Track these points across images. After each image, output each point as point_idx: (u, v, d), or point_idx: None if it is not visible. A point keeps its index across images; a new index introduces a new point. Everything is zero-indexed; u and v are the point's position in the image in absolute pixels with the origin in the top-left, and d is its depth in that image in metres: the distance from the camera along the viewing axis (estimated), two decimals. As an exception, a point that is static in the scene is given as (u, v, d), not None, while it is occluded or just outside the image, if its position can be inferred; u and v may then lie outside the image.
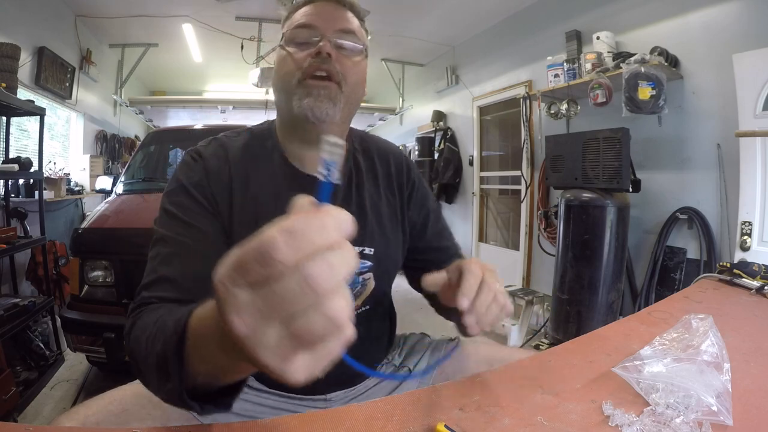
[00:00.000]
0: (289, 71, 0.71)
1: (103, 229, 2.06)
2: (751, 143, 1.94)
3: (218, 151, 0.74)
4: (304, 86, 0.69)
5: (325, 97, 0.69)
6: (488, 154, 4.36)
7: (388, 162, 0.86)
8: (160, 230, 0.65)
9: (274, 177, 0.74)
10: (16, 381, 1.86)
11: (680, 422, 0.48)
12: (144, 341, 0.48)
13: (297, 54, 0.71)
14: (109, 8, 3.78)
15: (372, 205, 0.80)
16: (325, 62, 0.69)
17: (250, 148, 0.76)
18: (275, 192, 0.73)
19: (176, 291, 0.59)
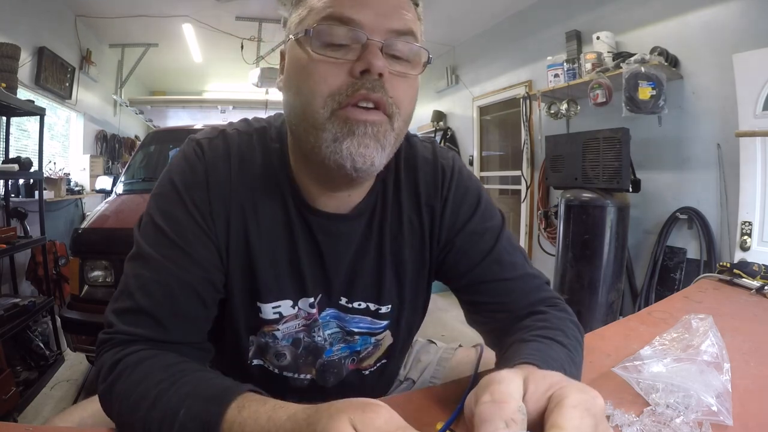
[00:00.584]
0: (317, 92, 0.49)
1: (103, 229, 2.06)
2: (751, 143, 1.94)
3: (224, 153, 0.56)
4: (342, 120, 0.48)
5: (373, 137, 0.49)
6: (488, 154, 4.36)
7: (415, 177, 0.62)
8: (144, 245, 0.53)
9: (282, 204, 0.58)
10: (16, 381, 1.86)
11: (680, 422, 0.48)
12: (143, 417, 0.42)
13: (329, 67, 0.48)
14: (109, 8, 3.78)
15: (393, 248, 0.62)
16: (376, 88, 0.48)
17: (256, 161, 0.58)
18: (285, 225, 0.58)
19: (153, 329, 0.50)
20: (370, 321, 0.63)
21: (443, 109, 4.86)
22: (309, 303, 0.60)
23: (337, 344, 0.64)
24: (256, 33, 4.21)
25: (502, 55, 3.91)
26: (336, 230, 0.59)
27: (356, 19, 0.48)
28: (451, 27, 4.20)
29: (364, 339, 0.64)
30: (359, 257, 0.60)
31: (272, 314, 0.59)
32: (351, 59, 0.48)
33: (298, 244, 0.58)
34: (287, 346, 0.62)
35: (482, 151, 4.37)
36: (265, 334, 0.60)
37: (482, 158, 4.37)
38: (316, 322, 0.61)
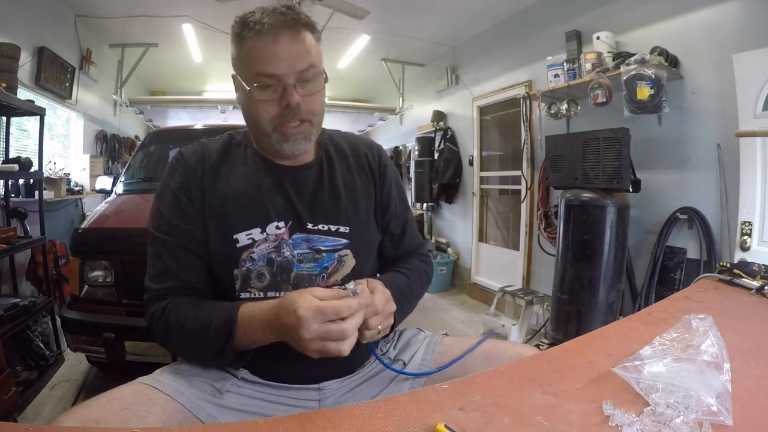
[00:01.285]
0: (261, 119, 0.77)
1: (103, 229, 2.06)
2: (751, 143, 1.94)
3: (198, 150, 0.85)
4: (281, 133, 0.77)
5: (302, 139, 0.78)
6: (488, 154, 4.36)
7: (358, 148, 0.94)
8: (154, 232, 0.80)
9: (249, 169, 0.84)
10: (16, 381, 1.86)
11: (680, 422, 0.48)
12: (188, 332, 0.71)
13: (265, 104, 0.75)
14: (109, 8, 3.78)
15: (345, 185, 0.87)
16: (296, 113, 0.75)
17: (226, 147, 0.86)
18: (249, 180, 0.82)
19: (173, 281, 0.77)
20: (332, 239, 0.83)
21: (443, 109, 4.86)
22: (276, 226, 0.81)
23: (306, 263, 0.82)
24: (256, 33, 4.20)
25: (502, 55, 3.91)
26: (294, 176, 0.85)
27: (275, 73, 0.74)
28: (451, 27, 4.20)
29: (330, 255, 0.83)
30: (316, 192, 0.85)
31: (246, 240, 0.79)
32: (278, 96, 0.75)
33: (262, 186, 0.82)
34: (264, 266, 0.80)
35: (482, 151, 4.37)
36: (245, 261, 0.79)
37: (482, 158, 4.37)
38: (285, 241, 0.81)
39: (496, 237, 4.26)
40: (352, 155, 0.92)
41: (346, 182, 0.88)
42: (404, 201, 0.97)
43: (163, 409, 0.66)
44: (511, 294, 3.19)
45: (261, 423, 0.52)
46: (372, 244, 0.90)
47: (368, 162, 0.92)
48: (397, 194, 0.95)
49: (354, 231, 0.84)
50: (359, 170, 0.91)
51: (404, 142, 5.94)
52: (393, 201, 0.94)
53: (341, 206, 0.85)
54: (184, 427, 0.61)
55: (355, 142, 0.95)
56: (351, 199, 0.87)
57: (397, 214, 0.94)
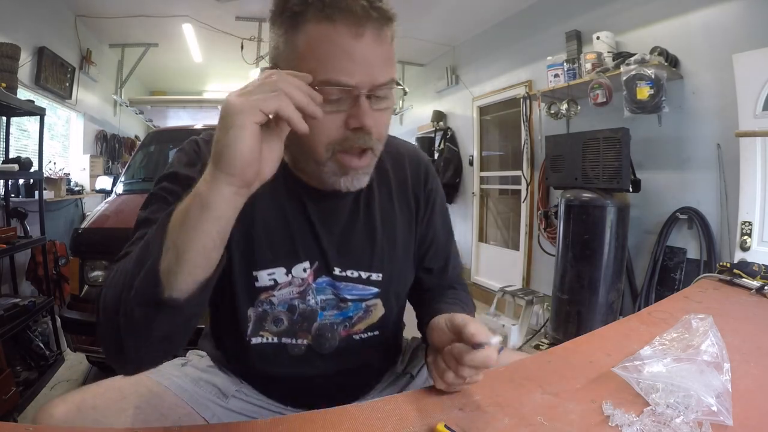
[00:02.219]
0: (317, 142, 0.58)
1: (103, 229, 2.07)
2: (751, 143, 1.94)
3: None
4: (339, 164, 0.59)
5: (363, 173, 0.62)
6: (488, 154, 4.36)
7: (403, 168, 0.76)
8: (143, 213, 0.61)
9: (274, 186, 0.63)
10: (16, 381, 1.86)
11: (680, 422, 0.48)
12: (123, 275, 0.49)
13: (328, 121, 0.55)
14: (109, 8, 3.77)
15: (384, 223, 0.72)
16: (366, 140, 0.58)
17: None
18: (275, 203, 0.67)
19: None
20: (361, 288, 0.71)
21: (443, 109, 4.85)
22: (302, 268, 0.67)
23: (329, 310, 0.70)
24: (256, 33, 4.20)
25: (502, 55, 3.91)
26: (325, 204, 0.68)
27: (350, 83, 0.54)
28: (451, 27, 4.20)
29: (356, 305, 0.72)
30: (348, 230, 0.70)
31: (268, 281, 0.66)
32: (344, 110, 0.56)
33: (290, 216, 0.67)
34: (283, 312, 0.69)
35: (482, 151, 4.36)
36: (263, 302, 0.67)
37: (482, 158, 4.37)
38: (310, 287, 0.69)
39: (496, 237, 4.26)
40: (395, 176, 0.75)
41: (385, 214, 0.73)
42: (448, 231, 0.84)
43: (162, 402, 0.64)
44: (511, 294, 3.19)
45: (261, 423, 0.52)
46: (405, 287, 0.78)
47: (413, 187, 0.76)
48: (442, 224, 0.81)
49: (387, 278, 0.72)
50: (400, 197, 0.75)
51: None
52: (437, 233, 0.80)
53: (376, 248, 0.71)
54: (184, 427, 0.61)
55: (400, 158, 0.77)
56: (389, 237, 0.72)
57: (440, 247, 0.81)
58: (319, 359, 0.71)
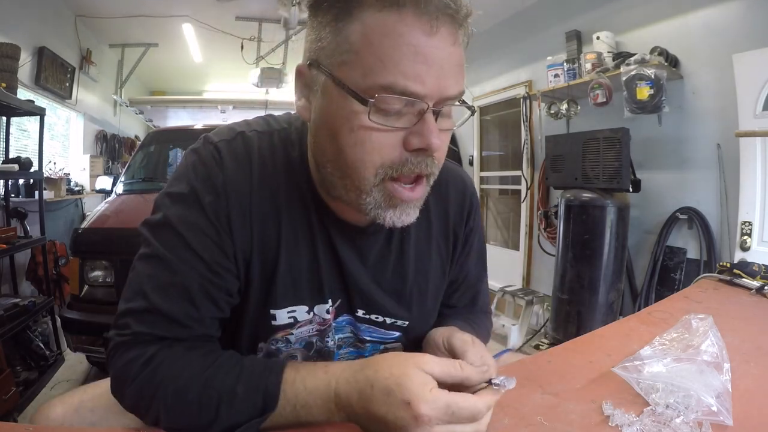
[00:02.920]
0: (367, 161, 0.47)
1: (103, 229, 2.07)
2: (751, 143, 1.94)
3: (243, 158, 0.55)
4: (387, 195, 0.49)
5: (413, 208, 0.52)
6: (488, 154, 4.36)
7: (446, 200, 0.67)
8: (158, 246, 0.52)
9: (303, 215, 0.57)
10: (16, 381, 1.86)
11: (680, 422, 0.48)
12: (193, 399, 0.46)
13: (384, 137, 0.46)
14: (109, 8, 3.78)
15: (417, 266, 0.64)
16: (429, 165, 0.49)
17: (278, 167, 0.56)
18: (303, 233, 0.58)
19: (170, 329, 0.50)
20: (383, 332, 0.65)
21: (443, 109, 4.85)
22: (326, 309, 0.61)
23: (345, 348, 0.66)
24: (256, 33, 4.21)
25: (502, 55, 3.91)
26: (354, 239, 0.60)
27: (419, 92, 0.44)
28: (451, 27, 4.19)
29: (374, 347, 0.67)
30: (379, 270, 0.62)
31: (287, 319, 0.59)
32: (405, 126, 0.47)
33: (318, 252, 0.58)
34: (299, 349, 0.63)
35: (482, 151, 4.36)
36: (278, 340, 0.61)
37: (482, 158, 4.37)
38: (330, 327, 0.63)
39: (496, 237, 4.26)
40: (435, 211, 0.65)
41: (419, 257, 0.65)
42: (482, 269, 0.75)
43: None
44: (511, 294, 3.19)
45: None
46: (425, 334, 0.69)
47: (453, 225, 0.67)
48: (476, 263, 0.73)
49: (412, 324, 0.65)
50: (439, 236, 0.66)
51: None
52: (468, 273, 0.72)
53: (405, 293, 0.64)
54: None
55: (443, 187, 0.65)
56: (420, 282, 0.65)
57: (469, 287, 0.73)
58: None
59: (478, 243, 0.72)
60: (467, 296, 0.74)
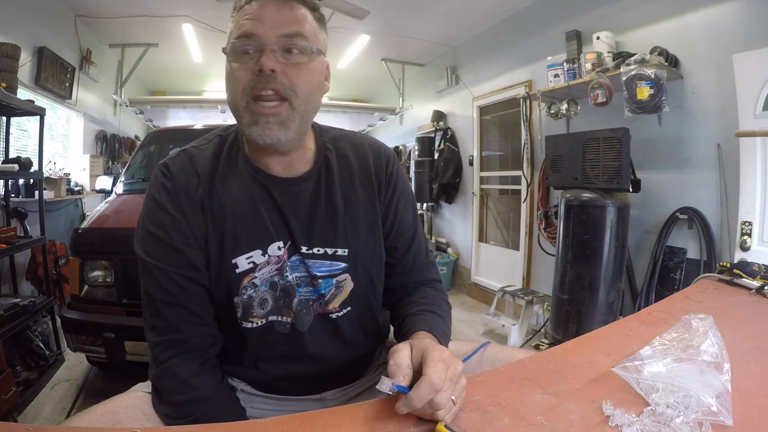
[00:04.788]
0: (235, 91, 0.66)
1: (103, 229, 2.06)
2: (751, 143, 1.94)
3: (186, 165, 0.73)
4: (251, 112, 0.66)
5: (275, 123, 0.66)
6: (488, 154, 4.36)
7: (365, 155, 0.82)
8: (147, 259, 0.69)
9: (242, 181, 0.73)
10: (16, 381, 1.86)
11: (680, 422, 0.48)
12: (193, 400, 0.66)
13: (240, 72, 0.65)
14: (109, 8, 3.77)
15: (345, 202, 0.77)
16: (270, 80, 0.64)
17: (217, 156, 0.75)
18: (245, 195, 0.73)
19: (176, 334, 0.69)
20: (329, 264, 0.76)
21: (443, 109, 4.86)
22: (277, 247, 0.73)
23: (304, 287, 0.75)
24: (256, 33, 4.20)
25: (502, 55, 3.91)
26: (288, 189, 0.74)
27: (255, 33, 0.64)
28: (451, 27, 4.20)
29: (327, 282, 0.76)
30: (312, 210, 0.75)
31: (247, 264, 0.72)
32: (253, 62, 0.65)
33: (258, 203, 0.73)
34: (267, 291, 0.74)
35: (482, 151, 4.37)
36: (247, 287, 0.72)
37: (482, 158, 4.37)
38: (286, 263, 0.74)
39: (496, 237, 4.27)
40: (356, 161, 0.80)
41: (346, 195, 0.77)
42: (413, 215, 0.86)
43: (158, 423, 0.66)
44: (511, 294, 3.19)
45: (261, 423, 0.52)
46: (374, 266, 0.80)
47: (374, 170, 0.81)
48: (405, 207, 0.84)
49: (353, 253, 0.76)
50: (362, 179, 0.80)
51: (404, 142, 5.94)
52: (399, 213, 0.83)
53: (338, 225, 0.75)
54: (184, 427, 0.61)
55: (361, 145, 0.83)
56: (350, 215, 0.77)
57: (403, 227, 0.83)
58: (301, 338, 0.75)
59: (403, 188, 0.84)
60: (404, 238, 0.84)
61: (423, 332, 0.67)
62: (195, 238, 0.70)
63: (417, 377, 0.51)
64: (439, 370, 0.51)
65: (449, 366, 0.53)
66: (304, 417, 0.53)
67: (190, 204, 0.71)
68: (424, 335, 0.66)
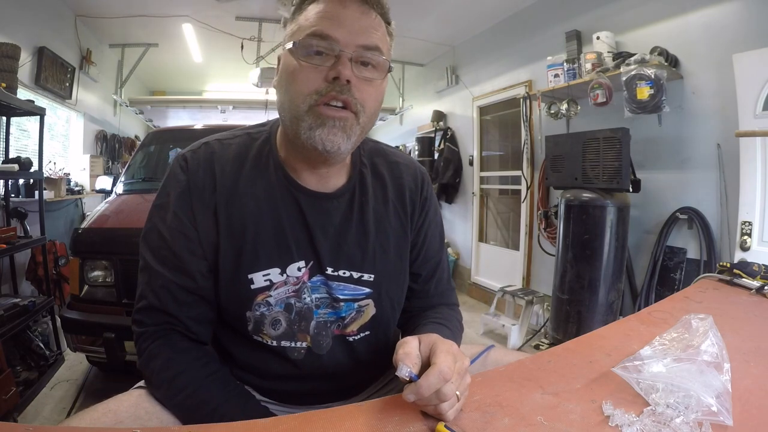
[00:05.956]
0: (299, 91, 0.62)
1: (103, 229, 2.06)
2: (751, 143, 1.94)
3: (205, 161, 0.69)
4: (317, 115, 0.62)
5: (340, 129, 0.63)
6: (488, 154, 4.36)
7: (400, 177, 0.79)
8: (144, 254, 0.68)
9: (270, 190, 0.69)
10: (16, 381, 1.86)
11: (680, 422, 0.48)
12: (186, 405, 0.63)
13: (310, 72, 0.62)
14: (109, 8, 3.78)
15: (377, 226, 0.74)
16: (344, 91, 0.61)
17: (242, 157, 0.71)
18: (270, 206, 0.69)
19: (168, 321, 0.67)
20: (353, 287, 0.73)
21: (443, 109, 4.86)
22: (297, 268, 0.70)
23: (323, 308, 0.72)
24: (256, 33, 4.20)
25: (502, 55, 3.91)
26: (320, 205, 0.71)
27: (333, 36, 0.61)
28: (451, 27, 4.20)
29: (348, 305, 0.73)
30: (343, 230, 0.72)
31: (263, 281, 0.68)
32: (327, 66, 0.62)
33: (283, 216, 0.69)
34: (281, 312, 0.70)
35: (482, 151, 4.37)
36: (260, 304, 0.69)
37: (482, 158, 4.37)
38: (305, 285, 0.70)
39: (496, 237, 4.27)
40: (391, 183, 0.77)
41: (378, 218, 0.74)
42: (441, 242, 0.85)
43: (160, 422, 0.64)
44: (511, 294, 3.19)
45: (261, 423, 0.52)
46: (397, 292, 0.79)
47: (409, 194, 0.78)
48: (434, 232, 0.82)
49: (379, 280, 0.73)
50: (396, 202, 0.77)
51: (404, 142, 5.94)
52: (428, 239, 0.81)
53: (368, 249, 0.73)
54: (184, 427, 0.61)
55: (397, 165, 0.80)
56: (381, 239, 0.74)
57: (429, 254, 0.82)
58: (317, 361, 0.73)
59: (434, 214, 0.82)
60: (429, 265, 0.82)
61: None
62: (200, 245, 0.67)
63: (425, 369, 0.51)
64: (449, 361, 0.51)
65: (457, 359, 0.53)
66: (304, 417, 0.53)
67: (202, 207, 0.67)
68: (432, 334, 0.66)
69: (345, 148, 0.64)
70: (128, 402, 0.65)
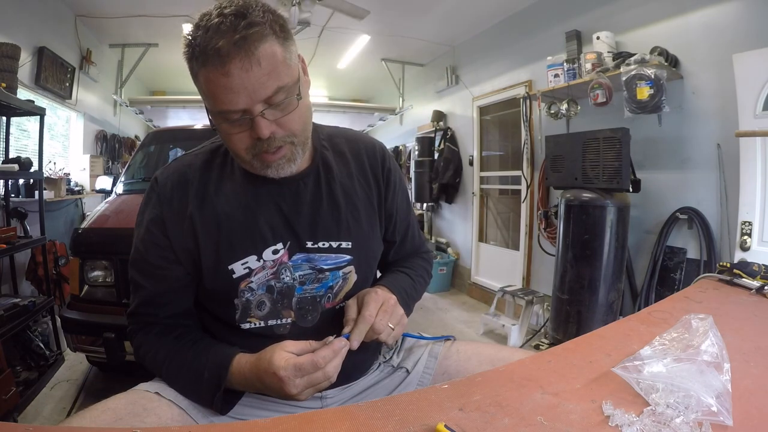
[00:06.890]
0: (237, 150, 0.69)
1: (103, 229, 2.06)
2: (751, 143, 1.94)
3: (177, 172, 0.77)
4: (261, 160, 0.69)
5: (286, 161, 0.70)
6: (488, 154, 4.36)
7: (358, 150, 0.86)
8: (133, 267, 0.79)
9: (236, 187, 0.76)
10: (16, 381, 1.86)
11: (680, 422, 0.48)
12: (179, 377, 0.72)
13: (235, 135, 0.67)
14: (109, 8, 3.78)
15: (346, 199, 0.80)
16: (270, 142, 0.67)
17: (209, 164, 0.78)
18: (238, 202, 0.75)
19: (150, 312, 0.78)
20: (335, 257, 0.78)
21: (443, 109, 4.86)
22: (272, 251, 0.75)
23: (310, 284, 0.77)
24: (256, 33, 4.20)
25: (502, 55, 3.91)
26: (288, 188, 0.77)
27: (235, 109, 0.63)
28: (451, 27, 4.20)
29: (334, 274, 0.79)
30: (315, 207, 0.78)
31: (243, 270, 0.74)
32: (247, 128, 0.65)
33: (254, 207, 0.75)
34: (264, 294, 0.76)
35: (482, 151, 4.37)
36: (244, 291, 0.75)
37: (482, 158, 4.37)
38: (284, 265, 0.76)
39: (496, 237, 4.27)
40: (352, 158, 0.84)
41: (346, 190, 0.81)
42: (408, 205, 0.93)
43: (159, 419, 0.65)
44: (511, 294, 3.19)
45: (261, 423, 0.52)
46: (375, 256, 0.86)
47: (370, 166, 0.85)
48: (401, 199, 0.89)
49: (357, 245, 0.80)
50: (360, 175, 0.84)
51: (404, 142, 5.94)
52: (396, 207, 0.88)
53: (342, 219, 0.79)
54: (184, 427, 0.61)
55: (356, 143, 0.87)
56: (352, 209, 0.80)
57: (400, 220, 0.90)
58: (303, 335, 0.73)
59: (399, 184, 0.89)
60: (400, 231, 0.91)
61: (378, 286, 0.78)
62: (173, 251, 0.74)
63: None
64: (371, 307, 0.67)
65: (382, 301, 0.70)
66: (304, 417, 0.53)
67: (174, 217, 0.74)
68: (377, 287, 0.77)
69: (297, 167, 0.73)
70: (128, 400, 0.66)
